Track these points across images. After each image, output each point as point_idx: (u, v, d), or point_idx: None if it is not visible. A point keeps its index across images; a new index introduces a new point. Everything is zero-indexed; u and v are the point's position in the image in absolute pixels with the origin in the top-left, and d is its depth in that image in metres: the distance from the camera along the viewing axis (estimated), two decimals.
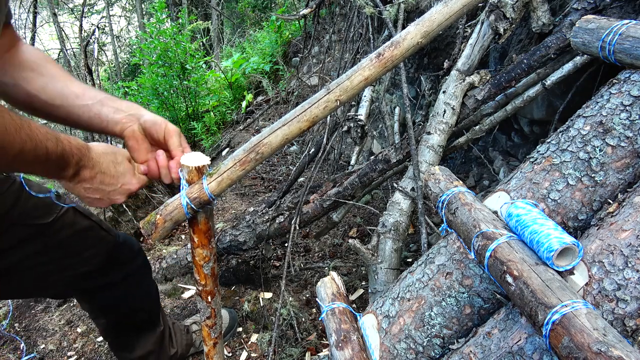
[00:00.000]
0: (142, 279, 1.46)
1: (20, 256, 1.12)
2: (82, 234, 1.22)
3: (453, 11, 0.79)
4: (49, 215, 1.14)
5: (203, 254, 0.97)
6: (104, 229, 1.29)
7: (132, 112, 0.97)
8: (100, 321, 1.47)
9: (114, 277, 1.35)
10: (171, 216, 0.89)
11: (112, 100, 0.98)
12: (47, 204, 1.15)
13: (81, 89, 0.97)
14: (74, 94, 0.96)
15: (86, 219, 1.24)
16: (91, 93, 0.97)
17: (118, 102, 0.98)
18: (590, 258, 0.78)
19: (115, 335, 1.51)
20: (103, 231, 1.29)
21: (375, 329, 1.02)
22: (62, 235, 1.17)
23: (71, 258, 1.21)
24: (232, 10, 8.86)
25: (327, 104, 0.81)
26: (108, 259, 1.30)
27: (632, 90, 0.89)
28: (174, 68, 4.21)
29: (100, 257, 1.27)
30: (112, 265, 1.32)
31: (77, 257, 1.22)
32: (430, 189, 1.05)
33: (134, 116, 0.97)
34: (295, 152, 3.99)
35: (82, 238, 1.22)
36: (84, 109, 0.96)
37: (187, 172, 0.88)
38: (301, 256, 2.48)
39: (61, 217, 1.17)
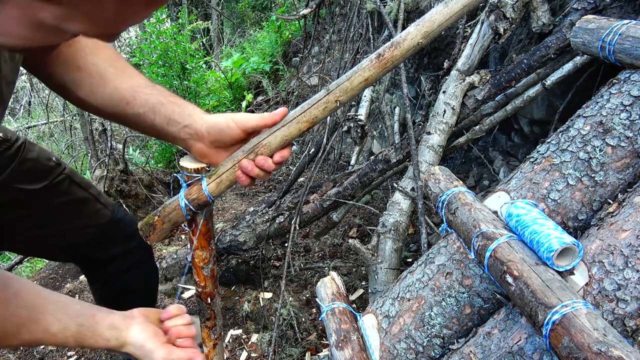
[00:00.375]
0: (141, 260, 1.46)
1: (11, 217, 1.12)
2: (76, 204, 1.22)
3: (453, 11, 0.79)
4: (41, 181, 1.14)
5: (202, 255, 0.96)
6: (101, 202, 1.29)
7: (187, 123, 0.84)
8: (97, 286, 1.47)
9: (112, 251, 1.34)
10: (169, 218, 0.89)
11: (164, 106, 0.85)
12: (44, 170, 1.15)
13: (131, 92, 0.85)
14: (125, 100, 0.84)
15: (82, 190, 1.23)
16: (142, 97, 0.85)
17: (169, 108, 0.85)
18: (590, 258, 0.78)
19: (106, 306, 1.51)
20: (99, 204, 1.28)
21: (375, 329, 1.02)
22: (54, 202, 1.17)
23: (63, 225, 1.21)
24: (232, 10, 8.86)
25: (326, 105, 0.81)
26: (104, 231, 1.29)
27: (632, 90, 0.89)
28: (174, 68, 4.20)
29: (95, 228, 1.27)
30: (109, 239, 1.32)
31: (69, 225, 1.22)
32: (430, 189, 1.05)
33: (191, 128, 0.84)
34: (295, 152, 3.99)
35: (75, 207, 1.22)
36: (137, 118, 0.85)
37: (185, 174, 0.87)
38: (301, 256, 2.48)
39: (55, 185, 1.17)
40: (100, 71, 0.85)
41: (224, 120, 0.83)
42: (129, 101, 0.84)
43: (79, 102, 0.88)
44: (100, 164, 2.94)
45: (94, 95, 0.85)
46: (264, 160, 0.82)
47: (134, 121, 0.86)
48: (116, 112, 0.86)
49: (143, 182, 3.04)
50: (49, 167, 1.17)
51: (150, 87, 0.87)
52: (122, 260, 1.39)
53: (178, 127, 0.85)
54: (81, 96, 0.86)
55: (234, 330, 1.95)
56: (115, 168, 2.85)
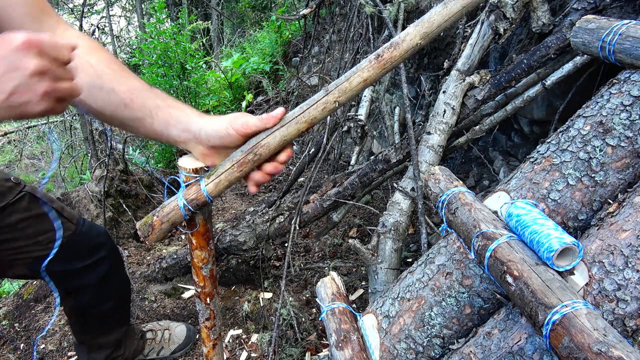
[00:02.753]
0: (110, 272, 1.46)
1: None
2: (36, 220, 1.23)
3: (452, 12, 0.79)
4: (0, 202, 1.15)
5: (201, 255, 0.96)
6: (64, 216, 1.30)
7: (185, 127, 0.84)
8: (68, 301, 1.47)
9: (77, 264, 1.35)
10: (168, 218, 0.88)
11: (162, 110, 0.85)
12: (1, 191, 1.16)
13: (128, 94, 0.84)
14: (123, 103, 0.84)
15: (43, 206, 1.24)
16: (139, 101, 0.84)
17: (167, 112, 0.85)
18: (591, 258, 0.78)
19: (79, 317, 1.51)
20: (62, 218, 1.28)
21: (375, 329, 1.02)
22: (12, 219, 1.18)
23: (24, 241, 1.22)
24: (232, 10, 8.86)
25: (325, 106, 0.81)
26: (68, 245, 1.29)
27: (632, 90, 0.88)
28: (174, 68, 4.20)
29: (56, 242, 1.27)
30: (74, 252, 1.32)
31: (30, 241, 1.23)
32: (430, 189, 1.05)
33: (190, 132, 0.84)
34: (295, 152, 3.99)
35: (36, 223, 1.23)
36: (135, 122, 0.85)
37: (184, 174, 0.87)
38: (301, 256, 2.48)
39: (14, 204, 1.18)
40: (98, 72, 0.85)
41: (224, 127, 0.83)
42: (127, 104, 0.84)
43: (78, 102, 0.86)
44: (100, 164, 2.94)
45: (93, 97, 0.85)
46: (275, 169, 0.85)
47: (133, 125, 0.86)
48: (115, 115, 0.85)
49: (143, 182, 3.04)
50: (7, 187, 1.18)
51: (148, 91, 0.87)
52: (92, 272, 1.39)
53: (177, 131, 0.85)
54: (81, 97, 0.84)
55: (234, 330, 1.95)
56: (115, 168, 2.85)
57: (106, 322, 1.55)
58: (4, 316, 2.18)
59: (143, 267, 2.36)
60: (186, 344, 1.86)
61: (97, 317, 1.51)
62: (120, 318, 1.60)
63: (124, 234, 2.73)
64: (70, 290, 1.41)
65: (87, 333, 1.54)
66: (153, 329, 1.84)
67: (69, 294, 1.43)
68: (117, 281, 1.52)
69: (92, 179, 2.82)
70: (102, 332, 1.55)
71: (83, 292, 1.42)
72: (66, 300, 1.46)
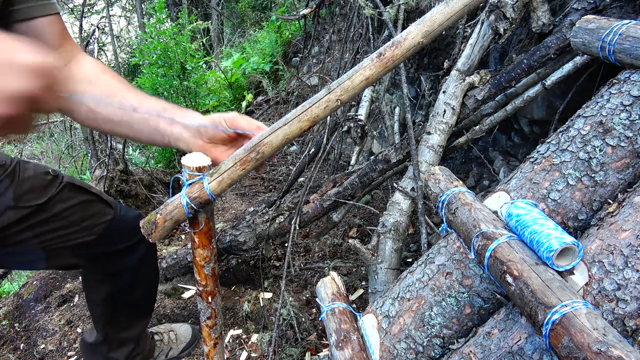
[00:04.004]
0: (147, 254, 1.50)
1: (18, 233, 1.16)
2: (79, 207, 1.27)
3: (454, 11, 0.79)
4: (43, 195, 1.19)
5: (204, 254, 0.97)
6: (103, 200, 1.35)
7: (187, 123, 0.92)
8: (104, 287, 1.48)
9: (120, 245, 1.39)
10: (171, 216, 0.89)
11: (168, 111, 0.93)
12: (43, 185, 1.20)
13: (138, 100, 0.93)
14: (132, 107, 0.92)
15: (83, 193, 1.29)
16: (148, 105, 0.93)
17: (172, 112, 0.93)
18: (590, 258, 0.78)
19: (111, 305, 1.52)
20: (102, 203, 1.34)
21: (375, 329, 1.02)
22: (57, 209, 1.22)
23: (69, 229, 1.26)
24: (232, 10, 8.86)
25: (327, 104, 0.81)
26: (111, 227, 1.34)
27: (632, 90, 0.89)
28: (174, 68, 4.20)
29: (102, 225, 1.32)
30: (116, 233, 1.37)
31: (76, 227, 1.27)
32: (430, 189, 1.05)
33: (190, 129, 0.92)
34: (295, 152, 3.99)
35: (79, 210, 1.27)
36: (143, 123, 0.92)
37: (187, 172, 0.88)
38: (301, 256, 2.49)
39: (56, 195, 1.22)
40: (111, 85, 0.96)
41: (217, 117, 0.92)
42: (136, 107, 0.92)
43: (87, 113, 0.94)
44: (100, 164, 2.94)
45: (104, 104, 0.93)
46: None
47: (140, 127, 0.93)
48: (124, 118, 0.93)
49: (143, 182, 3.04)
50: (48, 180, 1.22)
51: (154, 99, 0.96)
52: (132, 253, 1.43)
53: (180, 127, 0.92)
54: (91, 106, 0.93)
55: (234, 330, 1.96)
56: (115, 168, 2.85)
57: (133, 312, 1.57)
58: (4, 316, 2.18)
59: None
60: (193, 342, 1.87)
61: (127, 305, 1.52)
62: (146, 309, 1.62)
63: None
64: (111, 273, 1.44)
65: (113, 324, 1.54)
66: (158, 331, 1.84)
67: (107, 278, 1.45)
68: (151, 266, 1.55)
69: (92, 179, 2.82)
70: (127, 325, 1.56)
71: (122, 275, 1.45)
72: (102, 287, 1.47)
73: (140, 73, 5.23)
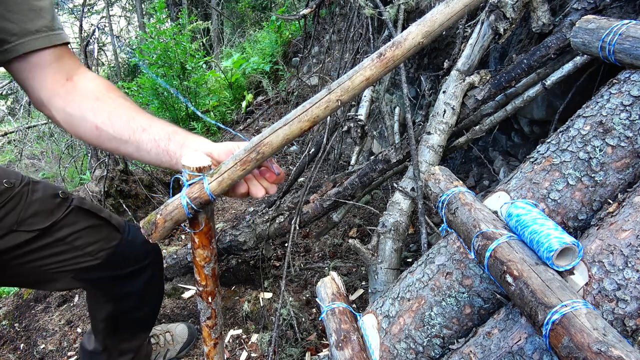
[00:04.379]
0: (153, 276, 1.46)
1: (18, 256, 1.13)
2: (85, 232, 1.23)
3: (454, 11, 0.79)
4: (48, 219, 1.15)
5: (204, 254, 0.97)
6: (112, 224, 1.30)
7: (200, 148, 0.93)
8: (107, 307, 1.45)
9: (124, 270, 1.35)
10: (171, 216, 0.89)
11: (178, 134, 0.93)
12: (51, 209, 1.16)
13: (147, 121, 0.94)
14: (141, 127, 0.92)
15: (91, 218, 1.25)
16: (158, 126, 0.93)
17: (183, 136, 0.94)
18: (590, 258, 0.78)
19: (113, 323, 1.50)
20: (109, 227, 1.29)
21: (375, 329, 1.02)
22: (62, 234, 1.18)
23: (72, 253, 1.22)
24: (232, 10, 8.86)
25: (328, 104, 0.81)
26: (117, 252, 1.30)
27: (632, 90, 0.89)
28: (174, 68, 4.21)
29: (107, 251, 1.28)
30: (122, 259, 1.33)
31: (79, 252, 1.23)
32: (430, 189, 1.05)
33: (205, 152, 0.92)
34: (295, 152, 3.99)
35: (84, 235, 1.23)
36: (151, 144, 0.92)
37: (187, 172, 0.88)
38: (301, 256, 2.49)
39: (62, 219, 1.18)
40: (118, 103, 0.95)
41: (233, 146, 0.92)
42: (145, 129, 0.92)
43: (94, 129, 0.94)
44: (100, 164, 2.94)
45: (112, 121, 0.93)
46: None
47: (148, 147, 0.93)
48: (132, 138, 0.92)
49: (143, 182, 3.04)
50: (55, 204, 1.18)
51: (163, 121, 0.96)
52: (137, 278, 1.39)
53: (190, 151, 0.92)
54: (98, 123, 0.93)
55: (234, 330, 1.96)
56: (115, 168, 2.85)
57: (137, 328, 1.54)
58: (4, 316, 2.18)
59: None
60: (190, 341, 1.86)
61: (130, 322, 1.49)
62: (149, 324, 1.59)
63: None
64: (115, 296, 1.40)
65: (114, 337, 1.52)
66: (154, 334, 1.83)
67: (111, 301, 1.42)
68: (157, 288, 1.51)
69: (92, 179, 2.82)
70: (129, 337, 1.53)
71: (126, 299, 1.42)
72: (105, 306, 1.43)
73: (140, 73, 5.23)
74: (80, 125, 0.94)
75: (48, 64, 0.94)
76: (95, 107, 0.93)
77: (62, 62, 0.96)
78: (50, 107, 0.96)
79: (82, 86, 0.96)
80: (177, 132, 0.94)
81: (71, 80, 0.96)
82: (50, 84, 0.95)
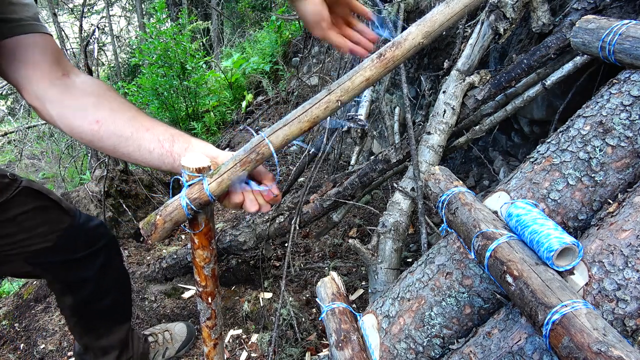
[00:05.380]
0: (109, 263, 1.46)
1: None
2: (34, 213, 1.23)
3: (454, 11, 0.79)
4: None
5: (203, 255, 0.97)
6: (62, 207, 1.31)
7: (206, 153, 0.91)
8: (67, 299, 1.46)
9: (76, 254, 1.35)
10: (171, 217, 0.89)
11: (182, 137, 0.92)
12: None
13: (150, 122, 0.92)
14: (144, 126, 0.91)
15: (41, 199, 1.26)
16: (161, 127, 0.92)
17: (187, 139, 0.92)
18: (590, 258, 0.78)
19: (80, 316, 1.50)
20: (59, 210, 1.30)
21: (375, 329, 1.02)
22: (11, 214, 1.19)
23: (23, 234, 1.22)
24: (232, 10, 8.86)
25: (328, 105, 0.81)
26: (67, 235, 1.30)
27: (632, 90, 0.89)
28: (174, 68, 4.21)
29: (57, 233, 1.28)
30: (73, 242, 1.33)
31: (29, 234, 1.23)
32: (430, 189, 1.05)
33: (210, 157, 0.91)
34: (295, 152, 3.99)
35: (34, 216, 1.23)
36: (155, 143, 0.90)
37: (187, 173, 0.88)
38: (301, 256, 2.49)
39: (12, 199, 1.18)
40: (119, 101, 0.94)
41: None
42: (149, 128, 0.91)
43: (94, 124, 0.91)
44: (100, 164, 2.94)
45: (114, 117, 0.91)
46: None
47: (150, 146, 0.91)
48: (134, 135, 0.91)
49: (143, 182, 3.04)
50: (4, 184, 1.18)
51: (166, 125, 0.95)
52: (90, 263, 1.39)
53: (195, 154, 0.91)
54: (99, 118, 0.90)
55: (234, 330, 1.96)
56: (115, 168, 2.85)
57: (107, 320, 1.54)
58: (4, 316, 2.18)
59: (143, 267, 2.36)
60: (189, 340, 1.86)
61: (97, 313, 1.49)
62: (121, 315, 1.59)
63: (124, 234, 2.73)
64: (68, 283, 1.41)
65: (90, 333, 1.52)
66: (152, 332, 1.83)
67: (67, 289, 1.43)
68: (115, 274, 1.51)
69: (92, 179, 2.82)
70: (105, 332, 1.53)
71: (82, 286, 1.42)
72: (65, 298, 1.45)
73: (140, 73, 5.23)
74: (77, 119, 0.91)
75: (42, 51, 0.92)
76: (97, 102, 0.92)
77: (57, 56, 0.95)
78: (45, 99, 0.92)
79: (81, 82, 0.95)
80: (180, 134, 0.93)
81: (67, 76, 0.95)
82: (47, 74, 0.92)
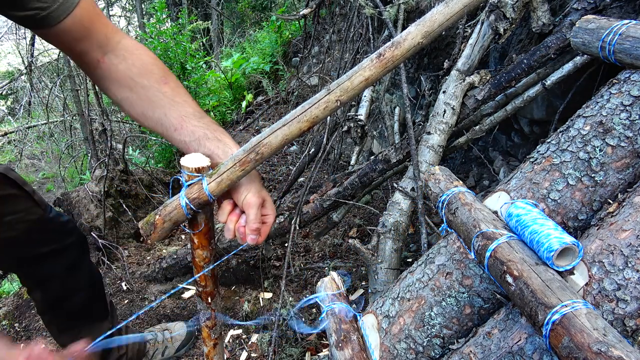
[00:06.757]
0: (77, 261, 1.46)
1: None
2: (5, 200, 1.23)
3: (454, 11, 0.79)
4: None
5: (203, 255, 0.96)
6: (34, 200, 1.31)
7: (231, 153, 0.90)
8: (36, 295, 1.45)
9: (44, 248, 1.35)
10: (170, 217, 0.89)
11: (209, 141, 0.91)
12: None
13: (179, 121, 0.91)
14: (173, 126, 0.92)
15: (14, 187, 1.26)
16: (189, 128, 0.91)
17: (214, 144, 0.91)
18: (590, 258, 0.78)
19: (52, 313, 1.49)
20: (31, 202, 1.30)
21: (375, 329, 1.02)
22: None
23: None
24: (232, 10, 8.86)
25: (327, 105, 0.81)
26: (35, 228, 1.30)
27: (632, 90, 0.89)
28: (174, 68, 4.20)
29: (25, 224, 1.28)
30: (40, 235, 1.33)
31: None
32: (430, 189, 1.05)
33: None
34: (295, 152, 3.99)
35: (4, 203, 1.23)
36: (182, 145, 0.92)
37: (186, 173, 0.88)
38: (301, 256, 2.48)
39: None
40: (150, 96, 0.92)
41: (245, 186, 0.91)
42: (177, 129, 0.91)
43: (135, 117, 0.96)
44: (100, 164, 2.94)
45: (145, 117, 0.93)
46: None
47: (179, 146, 0.94)
48: (165, 135, 0.94)
49: (143, 182, 3.04)
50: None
51: (198, 118, 0.93)
52: (58, 258, 1.39)
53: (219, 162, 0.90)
54: (134, 115, 0.94)
55: (234, 330, 1.96)
56: (115, 168, 2.85)
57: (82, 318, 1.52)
58: (4, 316, 2.18)
59: (143, 267, 2.36)
60: (189, 339, 1.85)
61: (70, 312, 1.48)
62: (97, 313, 1.57)
63: (124, 234, 2.73)
64: (37, 279, 1.41)
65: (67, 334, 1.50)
66: (152, 331, 1.83)
67: (37, 285, 1.42)
68: (85, 272, 1.51)
69: (92, 179, 2.82)
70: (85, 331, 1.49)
71: (50, 282, 1.41)
72: (34, 294, 1.45)
73: None
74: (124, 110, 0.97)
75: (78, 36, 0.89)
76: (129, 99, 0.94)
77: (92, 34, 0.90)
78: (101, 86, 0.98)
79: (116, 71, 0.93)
80: (208, 137, 0.91)
81: (103, 61, 0.93)
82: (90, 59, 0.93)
